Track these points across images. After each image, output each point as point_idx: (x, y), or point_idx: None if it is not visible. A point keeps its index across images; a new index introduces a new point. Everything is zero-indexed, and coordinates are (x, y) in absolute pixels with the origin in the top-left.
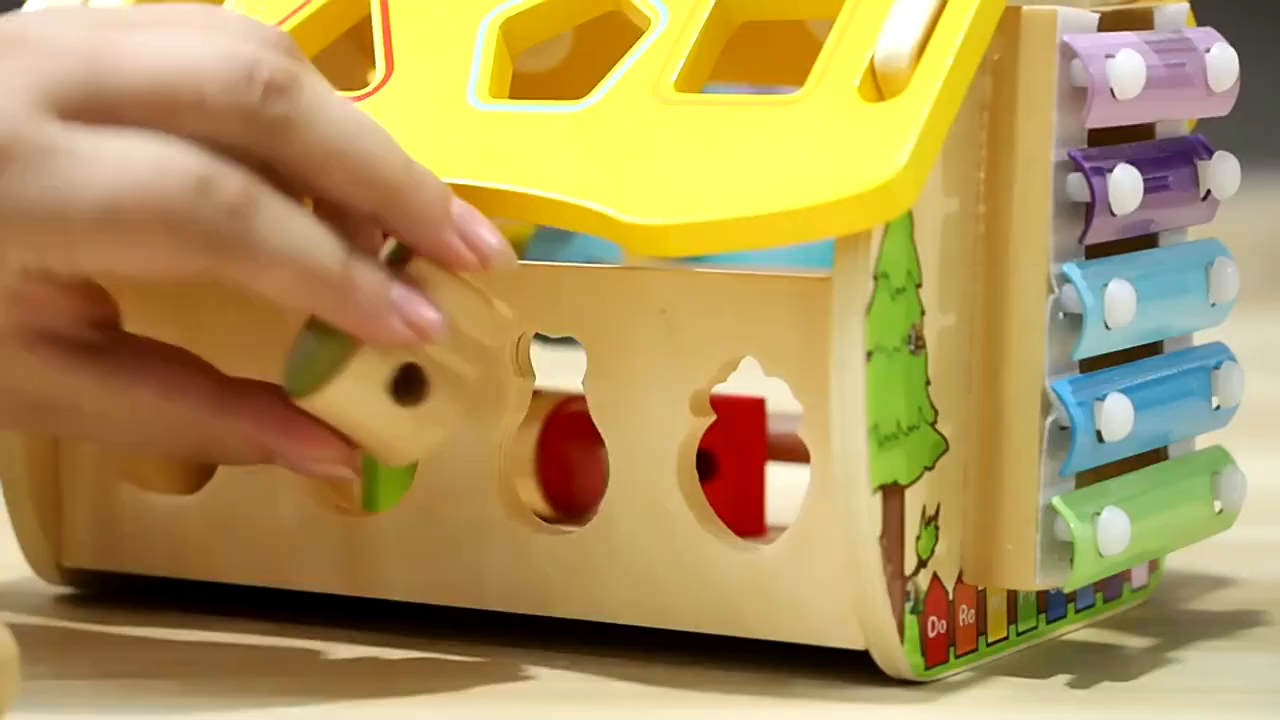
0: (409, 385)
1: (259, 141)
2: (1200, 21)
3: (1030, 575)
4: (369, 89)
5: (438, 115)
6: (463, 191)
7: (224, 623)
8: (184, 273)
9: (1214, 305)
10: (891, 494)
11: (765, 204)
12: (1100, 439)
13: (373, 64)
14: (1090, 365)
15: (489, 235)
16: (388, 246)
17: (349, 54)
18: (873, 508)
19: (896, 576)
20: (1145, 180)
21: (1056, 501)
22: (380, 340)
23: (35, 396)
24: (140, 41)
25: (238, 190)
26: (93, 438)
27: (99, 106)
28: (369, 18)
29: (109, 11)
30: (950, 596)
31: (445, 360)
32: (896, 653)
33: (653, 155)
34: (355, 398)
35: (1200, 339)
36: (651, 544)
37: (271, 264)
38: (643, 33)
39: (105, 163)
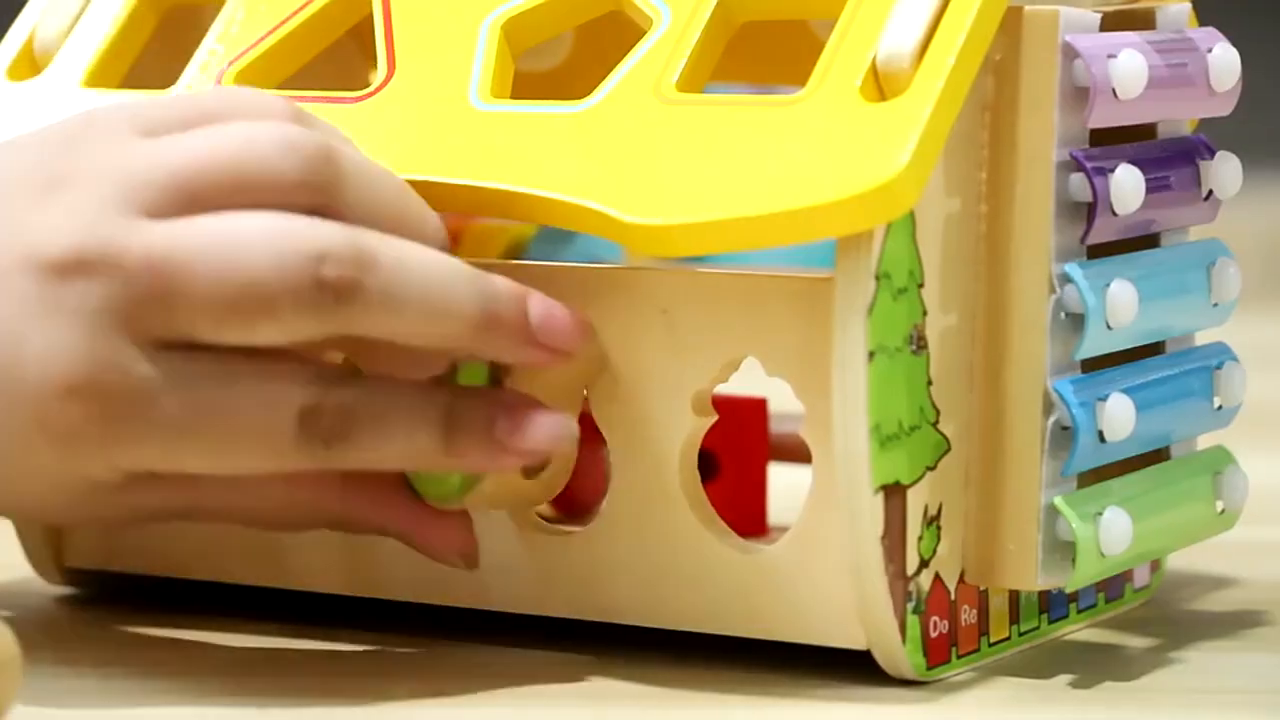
0: None
1: (338, 332)
2: (1202, 21)
3: (1032, 575)
4: (371, 89)
5: (439, 115)
6: (465, 192)
7: (226, 623)
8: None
9: (1216, 305)
10: (893, 494)
11: (767, 204)
12: (1102, 439)
13: (374, 64)
14: (1092, 365)
15: (568, 327)
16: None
17: (351, 54)
18: (874, 508)
19: (898, 576)
20: (1147, 180)
21: (1058, 501)
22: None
23: (167, 510)
24: (196, 244)
25: (335, 409)
26: (221, 524)
27: (176, 330)
28: (371, 17)
29: (141, 182)
30: (952, 596)
31: None
32: (898, 653)
33: (654, 155)
34: (495, 493)
35: (1202, 339)
36: (653, 544)
37: (375, 463)
38: (644, 33)
39: (212, 403)
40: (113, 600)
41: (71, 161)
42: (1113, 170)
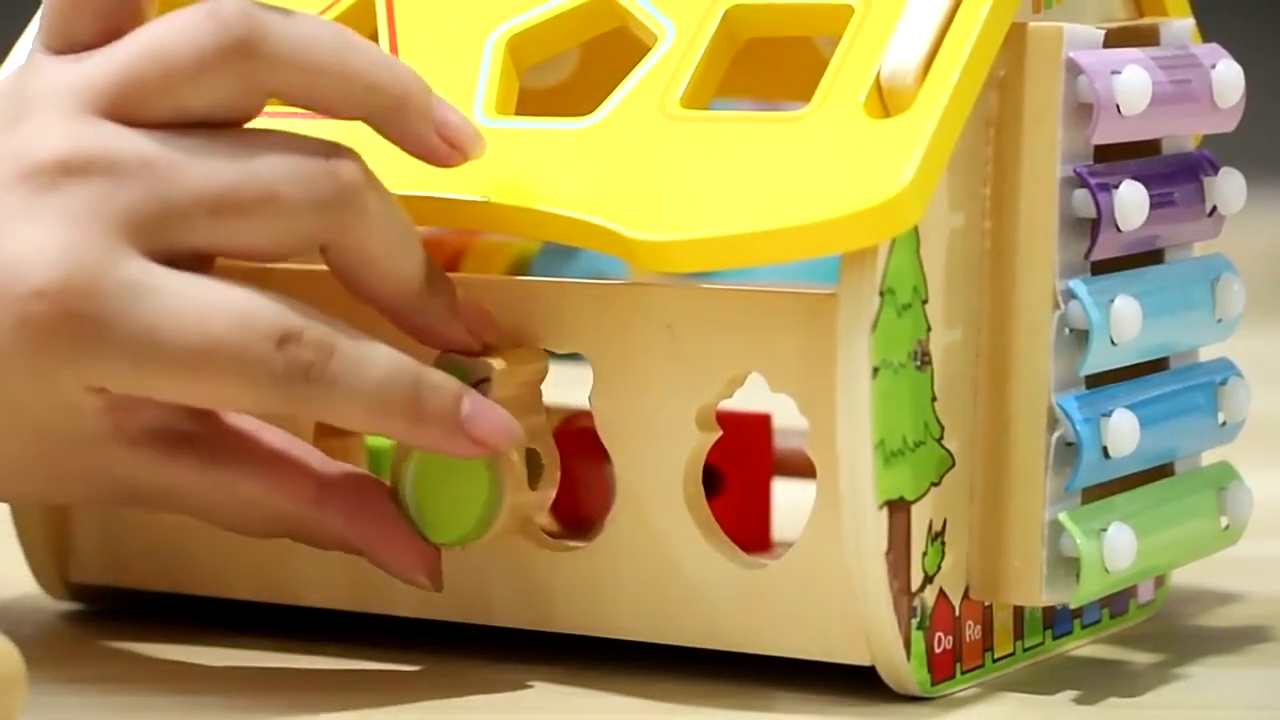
0: (534, 468)
1: (323, 234)
2: (1206, 37)
3: (1036, 591)
4: None
5: None
6: (469, 208)
7: (230, 639)
8: (258, 411)
9: (1220, 321)
10: (897, 510)
11: (771, 220)
12: (1106, 455)
13: None
14: (1096, 381)
15: (490, 321)
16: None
17: None
18: (879, 523)
19: (903, 592)
20: (1151, 196)
21: (1063, 517)
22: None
23: (136, 488)
24: (200, 145)
25: (316, 342)
26: (190, 515)
27: (170, 226)
28: (376, 33)
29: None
30: (956, 612)
31: (543, 427)
32: (903, 669)
33: (659, 171)
34: (514, 519)
35: (1206, 354)
36: (657, 560)
37: (346, 406)
38: (649, 49)
39: (189, 310)
40: (117, 616)
41: (25, 97)
42: (1117, 186)
